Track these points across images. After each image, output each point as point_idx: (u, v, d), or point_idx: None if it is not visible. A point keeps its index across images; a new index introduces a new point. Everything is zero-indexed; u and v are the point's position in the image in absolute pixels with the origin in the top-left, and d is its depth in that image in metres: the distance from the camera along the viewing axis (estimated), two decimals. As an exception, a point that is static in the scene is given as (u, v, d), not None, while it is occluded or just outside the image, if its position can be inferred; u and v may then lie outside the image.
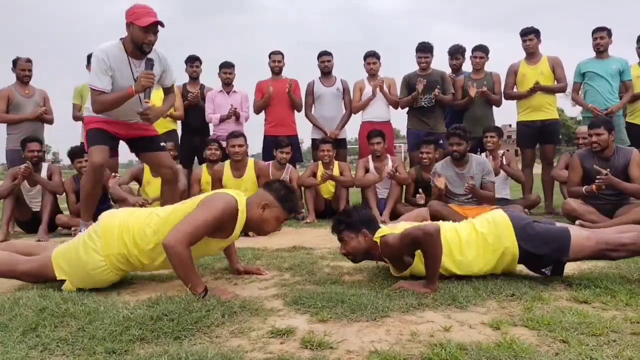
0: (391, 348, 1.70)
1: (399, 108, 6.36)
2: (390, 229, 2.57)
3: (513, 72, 6.01)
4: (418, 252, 2.49)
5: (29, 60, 6.04)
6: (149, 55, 3.80)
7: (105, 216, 2.62)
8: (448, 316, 2.05)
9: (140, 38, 3.64)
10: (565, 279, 2.55)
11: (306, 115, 6.54)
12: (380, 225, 2.68)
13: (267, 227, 2.60)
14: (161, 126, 6.08)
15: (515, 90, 6.02)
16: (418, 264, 2.53)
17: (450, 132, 4.75)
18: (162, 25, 3.72)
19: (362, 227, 2.61)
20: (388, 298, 2.25)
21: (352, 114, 6.53)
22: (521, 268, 2.67)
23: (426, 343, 1.75)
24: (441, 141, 5.85)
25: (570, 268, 2.73)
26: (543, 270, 2.51)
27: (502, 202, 5.14)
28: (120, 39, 3.79)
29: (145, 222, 2.53)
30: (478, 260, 2.54)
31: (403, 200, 5.88)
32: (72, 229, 5.02)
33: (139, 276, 2.93)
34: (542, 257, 2.47)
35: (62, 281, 2.54)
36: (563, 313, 2.00)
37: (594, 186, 4.25)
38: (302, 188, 5.85)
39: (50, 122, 6.24)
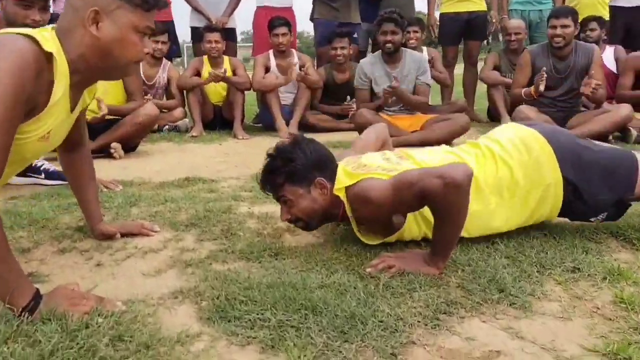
0: None
1: None
2: (356, 172, 1.52)
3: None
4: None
5: None
6: None
7: None
8: (511, 330, 1.14)
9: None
10: (614, 230, 1.72)
11: (182, -4, 5.03)
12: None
13: (122, 55, 1.27)
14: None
15: None
16: (412, 226, 1.58)
17: (385, 17, 3.72)
18: None
19: (315, 173, 1.55)
20: (387, 292, 1.29)
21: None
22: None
23: None
24: (355, 35, 4.82)
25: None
26: (594, 218, 1.66)
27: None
28: None
29: None
30: (505, 208, 1.60)
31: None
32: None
33: None
34: (597, 195, 1.58)
35: None
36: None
37: (532, 89, 3.64)
38: (185, 92, 4.57)
39: None
